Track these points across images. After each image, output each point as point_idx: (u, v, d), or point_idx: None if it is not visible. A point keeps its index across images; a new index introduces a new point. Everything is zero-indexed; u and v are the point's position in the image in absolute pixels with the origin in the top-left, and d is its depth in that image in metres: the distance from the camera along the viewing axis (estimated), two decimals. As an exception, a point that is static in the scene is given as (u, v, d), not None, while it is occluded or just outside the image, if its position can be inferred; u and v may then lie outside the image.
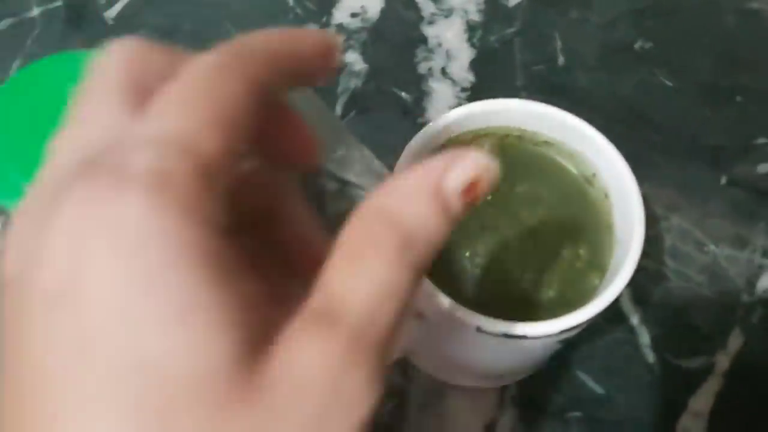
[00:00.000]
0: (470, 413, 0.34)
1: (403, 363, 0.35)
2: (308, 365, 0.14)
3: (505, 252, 0.29)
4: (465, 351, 0.30)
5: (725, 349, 0.36)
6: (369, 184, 0.23)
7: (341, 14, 0.45)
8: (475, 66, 0.43)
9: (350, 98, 0.42)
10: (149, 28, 0.43)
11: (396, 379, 0.34)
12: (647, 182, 0.38)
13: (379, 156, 0.35)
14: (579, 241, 0.30)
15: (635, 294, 0.37)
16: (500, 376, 0.34)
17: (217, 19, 0.44)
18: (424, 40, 0.44)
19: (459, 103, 0.42)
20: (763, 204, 0.40)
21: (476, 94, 0.43)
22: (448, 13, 0.45)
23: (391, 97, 0.42)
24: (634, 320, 0.36)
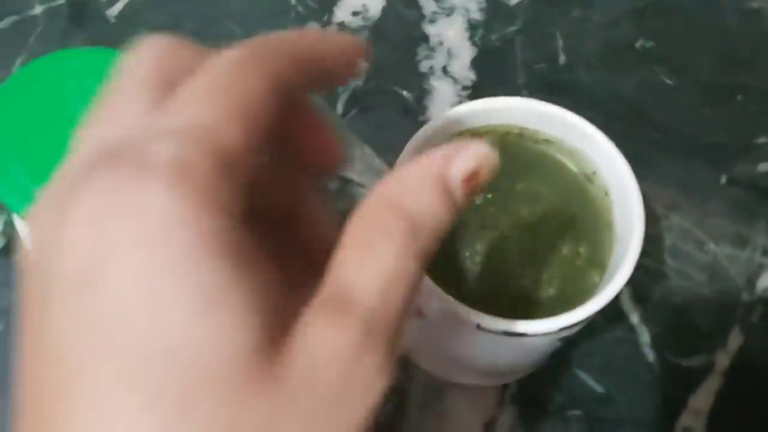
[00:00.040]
0: (470, 412, 0.34)
1: (403, 362, 0.35)
2: (322, 354, 0.14)
3: (506, 249, 0.29)
4: (465, 349, 0.30)
5: (725, 348, 0.36)
6: (370, 182, 0.23)
7: (342, 13, 0.45)
8: (477, 64, 0.44)
9: (351, 96, 0.42)
10: (150, 27, 0.43)
11: (396, 377, 0.34)
12: (647, 181, 0.38)
13: (379, 154, 0.35)
14: (579, 238, 0.30)
15: (635, 293, 0.37)
16: (500, 374, 0.34)
17: (218, 18, 0.44)
18: (425, 38, 0.44)
19: (460, 102, 0.42)
20: (764, 203, 0.40)
21: (477, 92, 0.43)
22: (450, 12, 0.45)
23: (392, 95, 0.42)
24: (635, 319, 0.37)
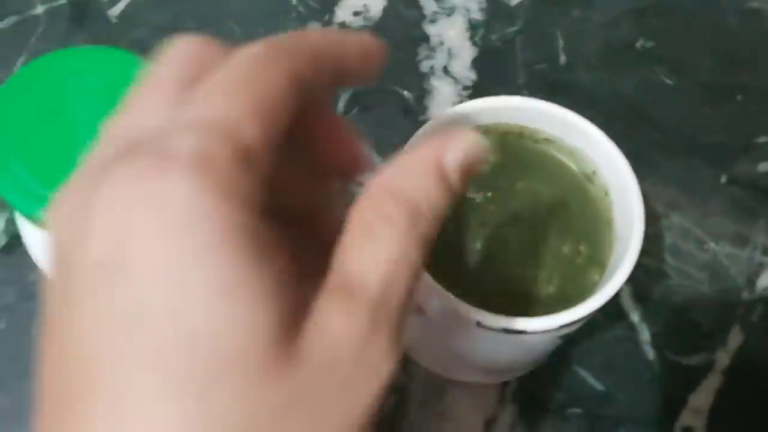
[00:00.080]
0: (470, 409, 0.34)
1: (403, 359, 0.35)
2: (335, 339, 0.15)
3: (506, 248, 0.30)
4: (465, 347, 0.30)
5: (725, 347, 0.36)
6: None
7: (343, 12, 0.45)
8: (477, 64, 0.44)
9: (352, 96, 0.42)
10: (151, 26, 0.43)
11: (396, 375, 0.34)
12: (647, 180, 0.38)
13: (380, 154, 0.35)
14: (579, 237, 0.30)
15: (636, 291, 0.37)
16: (501, 371, 0.34)
17: (218, 18, 0.44)
18: (425, 38, 0.44)
19: (460, 102, 0.42)
20: (764, 202, 0.40)
21: (478, 92, 0.43)
22: (450, 12, 0.45)
23: (393, 95, 0.42)
24: (635, 317, 0.37)
